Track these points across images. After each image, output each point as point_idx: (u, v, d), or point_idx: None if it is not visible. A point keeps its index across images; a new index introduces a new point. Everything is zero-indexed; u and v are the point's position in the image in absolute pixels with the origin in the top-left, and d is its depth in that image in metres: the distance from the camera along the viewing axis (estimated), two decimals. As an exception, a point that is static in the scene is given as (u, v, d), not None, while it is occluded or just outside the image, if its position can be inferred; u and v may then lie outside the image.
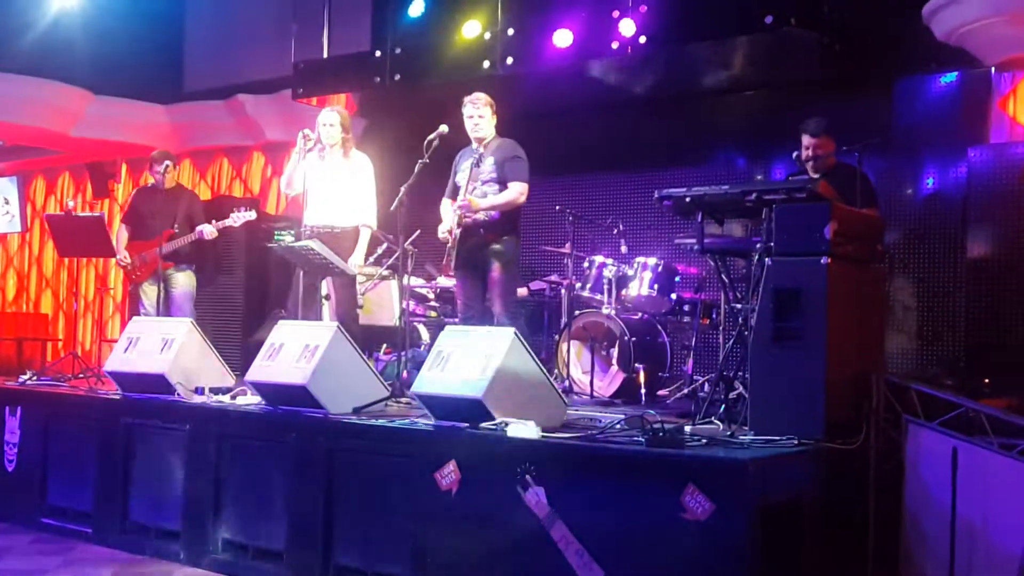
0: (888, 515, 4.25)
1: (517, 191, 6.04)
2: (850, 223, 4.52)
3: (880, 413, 4.27)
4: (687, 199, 5.17)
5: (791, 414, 4.27)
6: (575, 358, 6.70)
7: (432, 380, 4.65)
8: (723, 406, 4.84)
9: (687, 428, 4.41)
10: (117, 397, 5.87)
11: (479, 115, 6.11)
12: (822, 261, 4.31)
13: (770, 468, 3.84)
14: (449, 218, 6.14)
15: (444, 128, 6.04)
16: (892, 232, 6.53)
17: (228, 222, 7.49)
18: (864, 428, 4.24)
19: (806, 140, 5.85)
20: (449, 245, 6.05)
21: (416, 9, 8.05)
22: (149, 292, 7.63)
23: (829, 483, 4.16)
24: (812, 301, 4.30)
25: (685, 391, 6.48)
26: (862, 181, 5.41)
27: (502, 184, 6.06)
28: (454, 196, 6.22)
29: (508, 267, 6.08)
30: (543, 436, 4.24)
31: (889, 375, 4.47)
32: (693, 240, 5.35)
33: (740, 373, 5.24)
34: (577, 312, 6.84)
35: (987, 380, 5.32)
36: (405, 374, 6.00)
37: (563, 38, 7.09)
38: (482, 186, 6.07)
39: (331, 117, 6.49)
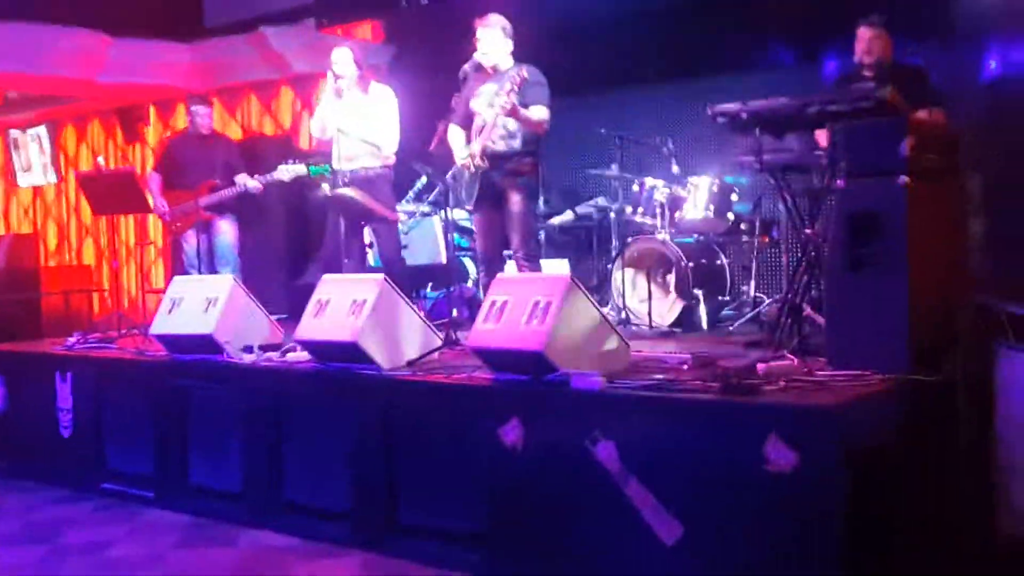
0: (981, 448, 4.01)
1: (544, 115, 5.68)
2: (927, 136, 4.18)
3: (969, 339, 4.01)
4: (743, 115, 4.87)
5: (872, 347, 4.00)
6: (630, 287, 6.45)
7: (487, 333, 4.41)
8: (797, 339, 4.59)
9: (759, 367, 4.17)
10: (166, 359, 5.74)
11: (490, 40, 5.71)
12: (900, 180, 4.00)
13: (856, 411, 3.59)
14: (462, 146, 5.80)
15: (477, 58, 5.73)
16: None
17: (277, 175, 7.18)
18: (952, 357, 3.98)
19: (866, 32, 5.47)
20: (468, 175, 5.73)
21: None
22: (192, 242, 7.49)
23: (917, 419, 3.91)
24: (891, 224, 3.98)
25: (748, 315, 6.22)
26: (927, 82, 5.05)
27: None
28: (466, 123, 5.85)
29: (529, 200, 5.78)
30: (610, 385, 4.02)
31: (977, 297, 4.18)
32: (753, 158, 5.05)
33: (809, 297, 4.98)
34: (629, 238, 6.57)
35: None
36: (455, 312, 5.82)
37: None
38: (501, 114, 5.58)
39: (341, 55, 6.18)
